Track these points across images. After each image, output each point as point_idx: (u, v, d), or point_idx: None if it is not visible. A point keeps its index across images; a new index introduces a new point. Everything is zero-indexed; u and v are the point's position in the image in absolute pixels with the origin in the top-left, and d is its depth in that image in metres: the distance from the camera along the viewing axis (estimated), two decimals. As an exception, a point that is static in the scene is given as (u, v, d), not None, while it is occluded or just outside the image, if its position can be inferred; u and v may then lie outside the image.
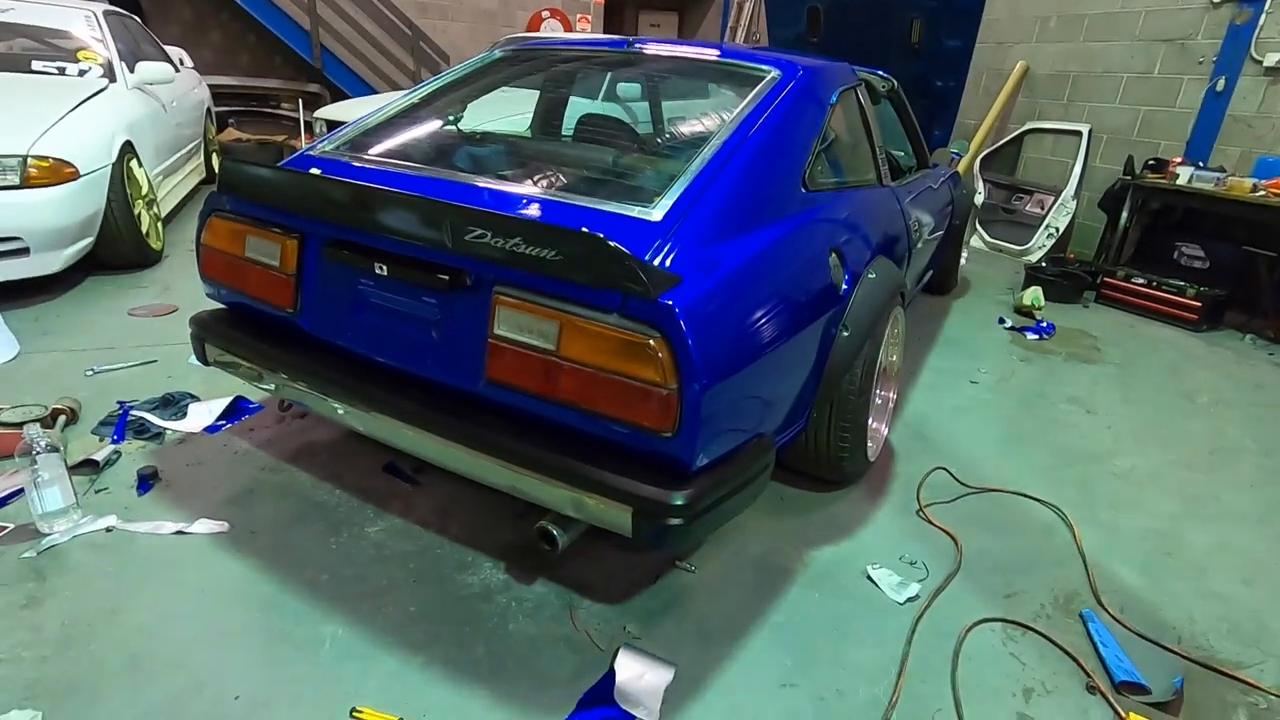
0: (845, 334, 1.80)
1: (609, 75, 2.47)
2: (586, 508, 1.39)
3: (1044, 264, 4.78)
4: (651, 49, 2.27)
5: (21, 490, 1.77)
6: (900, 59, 4.37)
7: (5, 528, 1.73)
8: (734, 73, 2.06)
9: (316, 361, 1.71)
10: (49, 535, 1.71)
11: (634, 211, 1.48)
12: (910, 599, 1.71)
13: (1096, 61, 5.17)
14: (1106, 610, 1.74)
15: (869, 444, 2.07)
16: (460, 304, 1.51)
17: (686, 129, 2.04)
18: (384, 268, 1.56)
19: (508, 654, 1.48)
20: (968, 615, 1.68)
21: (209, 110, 5.76)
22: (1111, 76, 5.09)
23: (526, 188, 1.72)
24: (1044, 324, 3.76)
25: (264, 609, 1.55)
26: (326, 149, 1.94)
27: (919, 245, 2.69)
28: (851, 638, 1.60)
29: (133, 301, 3.23)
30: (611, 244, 1.25)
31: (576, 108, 2.81)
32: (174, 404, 2.30)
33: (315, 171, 1.74)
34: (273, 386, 1.78)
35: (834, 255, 1.80)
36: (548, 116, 2.86)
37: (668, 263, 1.37)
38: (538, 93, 2.94)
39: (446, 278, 1.48)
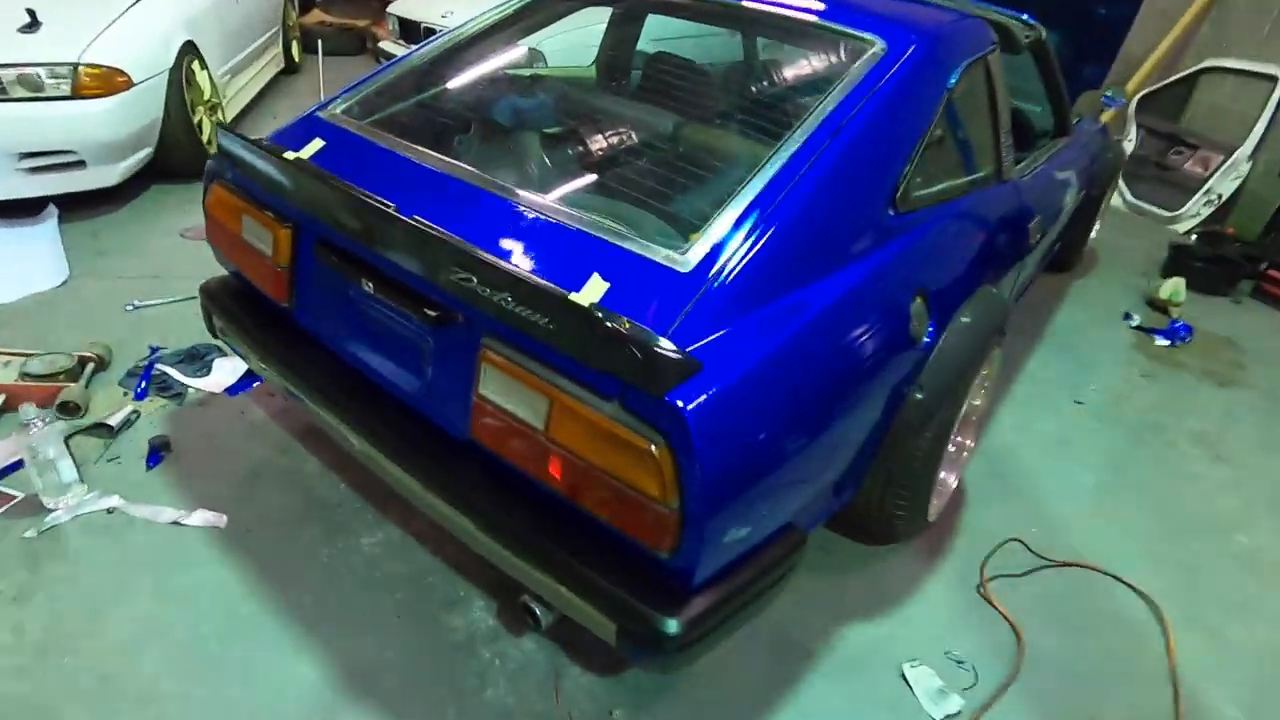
0: (919, 396, 1.47)
1: (689, 22, 2.05)
2: (568, 603, 1.20)
3: (1193, 238, 4.06)
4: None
5: (33, 456, 1.75)
6: (1059, -21, 3.60)
7: (14, 497, 1.72)
8: (830, 41, 1.63)
9: (311, 365, 1.55)
10: (53, 512, 1.68)
11: (661, 255, 1.18)
12: (949, 716, 1.47)
13: (1319, -14, 4.13)
14: (1191, 761, 1.45)
15: (932, 501, 1.77)
16: (450, 341, 1.29)
17: (757, 118, 1.66)
18: (371, 285, 1.35)
19: (479, 728, 1.36)
20: (1015, 745, 1.44)
21: (289, -6, 5.51)
22: (1335, 8, 4.06)
23: (546, 194, 1.44)
24: (1180, 325, 3.19)
25: (242, 635, 1.48)
26: (338, 112, 1.69)
27: (1039, 247, 2.23)
28: (869, 756, 1.39)
29: (190, 218, 3.17)
30: (610, 325, 0.98)
31: (653, 37, 2.41)
32: (199, 358, 2.23)
33: (307, 155, 1.50)
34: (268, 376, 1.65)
35: (919, 299, 1.44)
36: (614, 53, 2.47)
37: (691, 336, 1.09)
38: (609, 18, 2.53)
39: (434, 313, 1.26)
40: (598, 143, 1.88)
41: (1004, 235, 1.88)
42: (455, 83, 1.98)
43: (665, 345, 0.98)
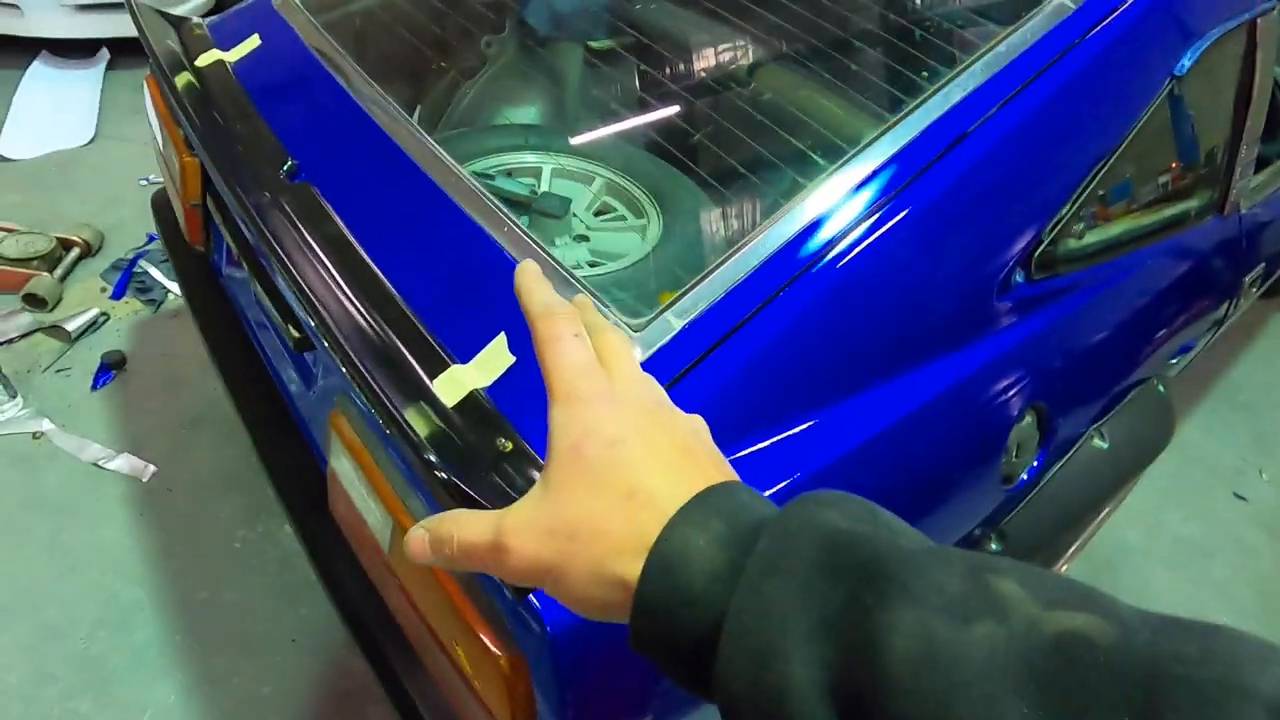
0: (993, 548, 1.00)
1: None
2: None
3: None
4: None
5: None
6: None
7: (-52, 399, 1.58)
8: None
9: (219, 324, 1.26)
10: (-20, 425, 1.54)
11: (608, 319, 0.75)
12: None
13: None
14: None
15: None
16: (314, 374, 0.94)
17: (849, 83, 1.10)
18: (245, 265, 1.00)
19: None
20: None
21: None
22: None
23: (550, 146, 1.02)
24: None
25: (117, 630, 1.29)
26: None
27: (1249, 300, 1.58)
28: None
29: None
30: (441, 472, 0.59)
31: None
32: (187, 260, 2.00)
33: (230, 59, 1.12)
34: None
35: (1031, 416, 0.93)
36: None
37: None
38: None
39: (297, 335, 0.90)
40: (642, 78, 1.39)
41: (1199, 299, 1.28)
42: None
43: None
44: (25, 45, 2.69)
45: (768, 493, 0.66)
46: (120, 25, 2.70)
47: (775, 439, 0.73)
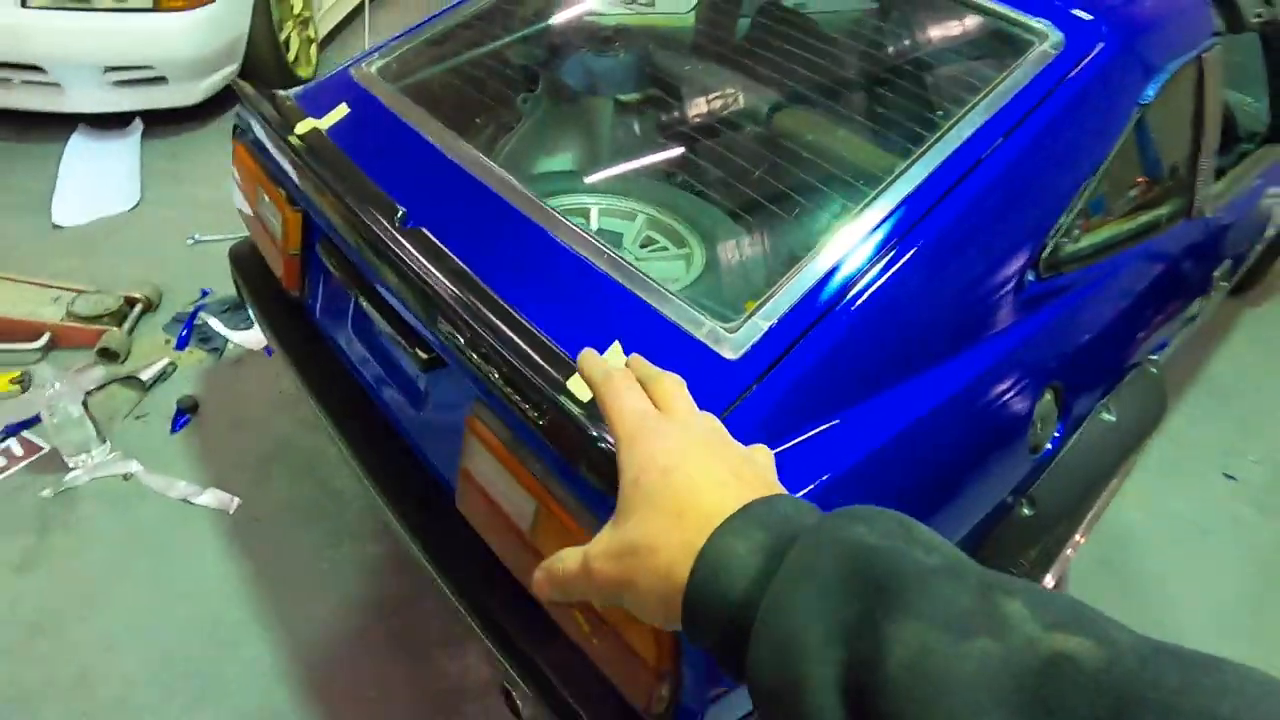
0: (1026, 513, 1.15)
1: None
2: (543, 714, 1.01)
3: None
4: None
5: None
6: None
7: (41, 449, 1.69)
8: (989, 27, 1.24)
9: (318, 365, 1.39)
10: (72, 471, 1.64)
11: (703, 329, 0.90)
12: None
13: None
14: None
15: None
16: (445, 388, 1.08)
17: (874, 127, 1.29)
18: (366, 302, 1.14)
19: (448, 805, 1.23)
20: None
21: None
22: None
23: (591, 188, 1.18)
24: (1383, 385, 2.58)
25: (225, 647, 1.39)
26: (373, 70, 1.45)
27: (1221, 293, 1.77)
28: None
29: (268, 143, 3.08)
30: (601, 445, 0.73)
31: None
32: (243, 309, 2.14)
33: (324, 126, 1.28)
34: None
35: (1050, 394, 1.10)
36: (717, 4, 2.09)
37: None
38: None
39: (425, 356, 1.04)
40: (671, 124, 1.58)
41: (1178, 290, 1.46)
42: (522, 31, 1.70)
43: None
44: (62, 120, 2.85)
45: (842, 464, 0.82)
46: (153, 98, 2.88)
47: (844, 419, 0.89)
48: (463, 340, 0.88)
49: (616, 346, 0.89)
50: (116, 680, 1.33)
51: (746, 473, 0.40)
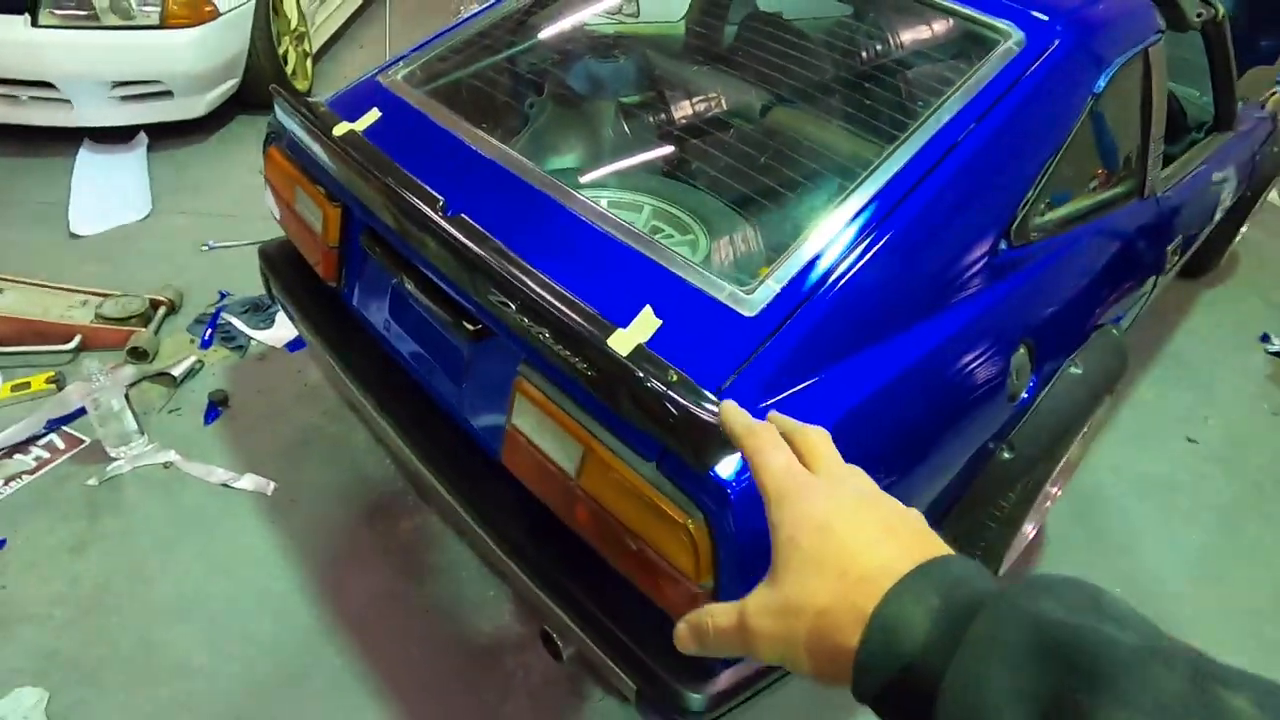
0: (1007, 456, 1.29)
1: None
2: (588, 650, 1.13)
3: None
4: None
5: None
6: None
7: (83, 442, 1.78)
8: (958, 28, 1.40)
9: (355, 348, 1.50)
10: (115, 461, 1.73)
11: (724, 291, 1.04)
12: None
13: None
14: None
15: (1006, 554, 1.60)
16: (488, 357, 1.20)
17: (856, 119, 1.44)
18: (411, 284, 1.26)
19: (494, 745, 1.34)
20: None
21: (385, -88, 5.34)
22: None
23: (622, 189, 1.31)
24: (1330, 355, 2.79)
25: (274, 613, 1.50)
26: (399, 78, 1.57)
27: (1176, 268, 1.94)
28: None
29: (270, 153, 3.17)
30: (650, 383, 0.86)
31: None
32: (263, 310, 2.24)
33: (360, 129, 1.40)
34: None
35: (1023, 349, 1.25)
36: (709, 7, 2.24)
37: (750, 393, 0.96)
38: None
39: (473, 328, 1.16)
40: (669, 122, 1.72)
41: (1135, 262, 1.62)
42: (530, 43, 1.83)
43: (713, 409, 0.85)
44: (68, 135, 2.93)
45: (848, 399, 0.95)
46: (159, 112, 2.97)
47: (848, 366, 1.02)
48: (514, 307, 1.00)
49: (648, 310, 1.03)
50: (175, 648, 1.42)
51: (902, 528, 0.39)
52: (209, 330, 2.15)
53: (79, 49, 2.71)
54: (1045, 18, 1.31)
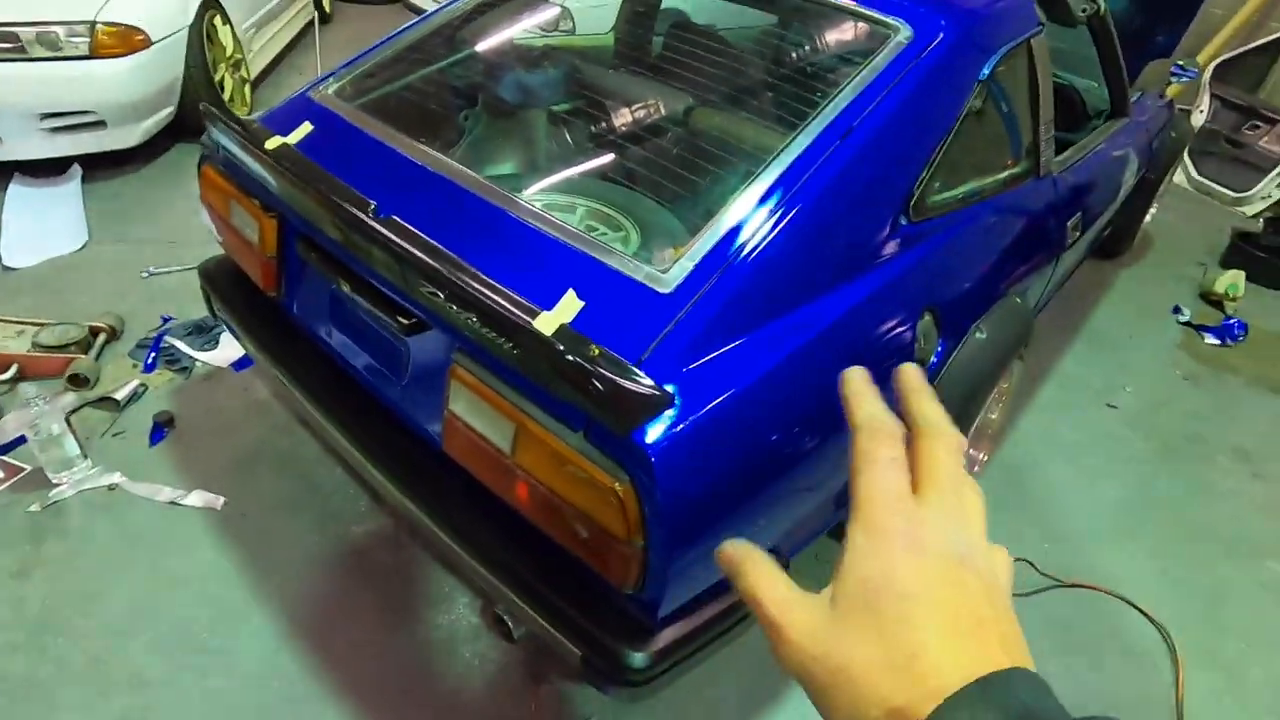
0: (922, 418, 1.38)
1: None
2: (534, 623, 1.18)
3: (1263, 224, 3.78)
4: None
5: (40, 430, 1.78)
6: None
7: (22, 470, 1.76)
8: (853, 25, 1.50)
9: (298, 356, 1.53)
10: (57, 487, 1.72)
11: (641, 272, 1.11)
12: (932, 746, 1.43)
13: None
14: (1187, 810, 1.39)
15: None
16: (424, 350, 1.25)
17: (766, 109, 1.54)
18: (347, 285, 1.31)
19: (453, 732, 1.37)
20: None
21: (320, -60, 5.37)
22: None
23: (537, 186, 1.37)
24: (1234, 323, 2.98)
25: (229, 622, 1.50)
26: (330, 92, 1.62)
27: (1080, 244, 2.08)
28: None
29: (210, 180, 3.16)
30: (571, 357, 0.92)
31: (676, 6, 2.28)
32: (207, 331, 2.24)
33: (292, 141, 1.44)
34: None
35: (928, 316, 1.34)
36: (633, 21, 2.34)
37: (666, 364, 1.02)
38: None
39: (407, 321, 1.21)
40: (599, 127, 1.79)
41: (1035, 237, 1.74)
42: (459, 56, 1.89)
43: (633, 379, 0.92)
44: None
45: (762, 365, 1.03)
46: (92, 142, 2.94)
47: (756, 337, 1.10)
48: (442, 296, 1.06)
49: (570, 294, 1.09)
50: (128, 661, 1.42)
51: (989, 618, 0.35)
52: (152, 354, 2.15)
53: (6, 82, 2.69)
54: (930, 12, 1.42)
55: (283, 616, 1.52)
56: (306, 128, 1.52)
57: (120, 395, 1.96)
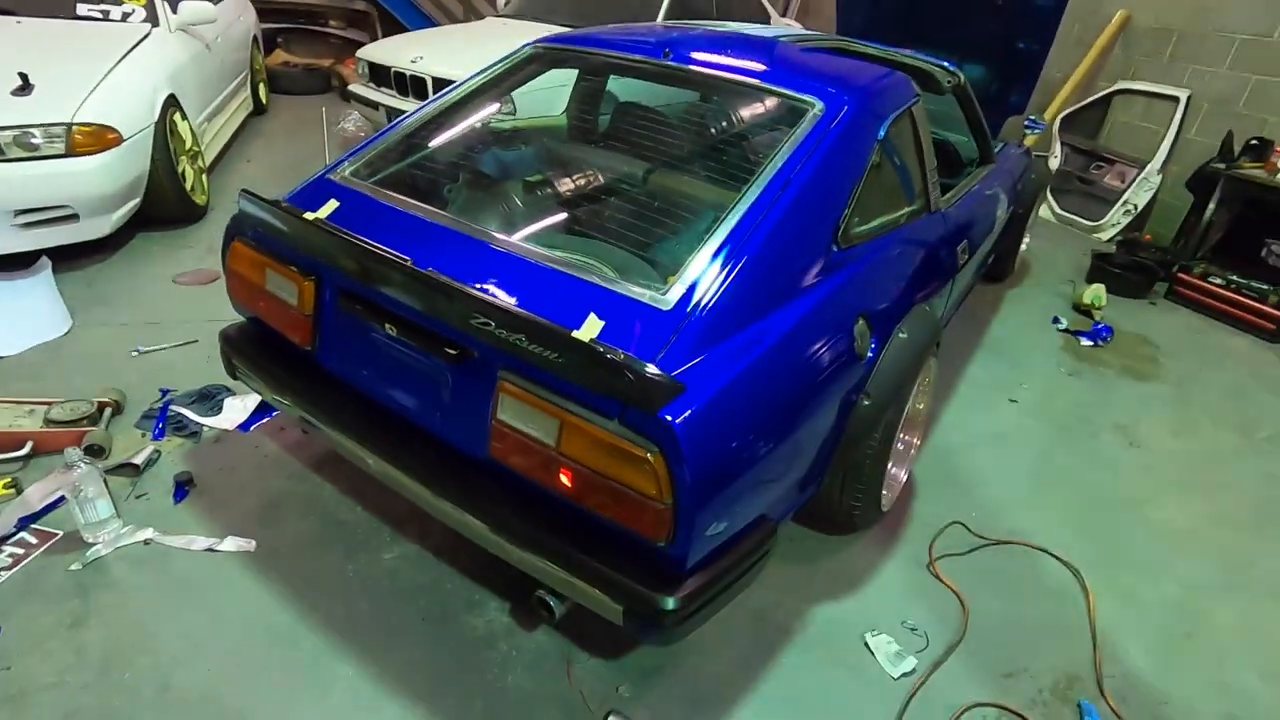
0: (866, 403, 1.73)
1: (646, 81, 2.29)
2: (578, 591, 1.41)
3: (1115, 246, 4.46)
4: (689, 61, 2.10)
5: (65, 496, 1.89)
6: (979, 18, 3.99)
7: (55, 535, 1.87)
8: (775, 102, 1.91)
9: (331, 399, 1.75)
10: (93, 545, 1.83)
11: (646, 296, 1.42)
12: (905, 674, 1.72)
13: (1209, 18, 4.61)
14: (1107, 700, 1.72)
15: (884, 494, 2.03)
16: (468, 376, 1.51)
17: (715, 171, 1.91)
18: (393, 329, 1.56)
19: (504, 711, 1.56)
20: (962, 696, 1.69)
21: (256, 38, 5.66)
22: (1223, 37, 4.54)
23: (540, 245, 1.67)
24: (1102, 327, 3.55)
25: (284, 643, 1.65)
26: (346, 174, 1.90)
27: (969, 265, 2.53)
28: (839, 717, 1.63)
29: (179, 264, 3.31)
30: (611, 357, 1.21)
31: (619, 90, 2.68)
32: (211, 398, 2.39)
33: (323, 216, 1.70)
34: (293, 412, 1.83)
35: (861, 320, 1.70)
36: (583, 104, 2.73)
37: (674, 363, 1.32)
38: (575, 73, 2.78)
39: (454, 352, 1.47)
40: (577, 190, 2.12)
41: (934, 259, 2.17)
42: (446, 140, 2.20)
43: (655, 371, 1.21)
44: (-35, 266, 2.96)
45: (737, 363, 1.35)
46: (64, 235, 3.06)
47: (740, 337, 1.42)
48: (493, 325, 1.33)
49: (593, 315, 1.39)
50: (197, 683, 1.55)
51: None
52: (159, 423, 2.28)
53: (-18, 182, 2.80)
54: (836, 91, 1.84)
55: (333, 634, 1.68)
56: (334, 204, 1.79)
57: (139, 460, 2.08)
